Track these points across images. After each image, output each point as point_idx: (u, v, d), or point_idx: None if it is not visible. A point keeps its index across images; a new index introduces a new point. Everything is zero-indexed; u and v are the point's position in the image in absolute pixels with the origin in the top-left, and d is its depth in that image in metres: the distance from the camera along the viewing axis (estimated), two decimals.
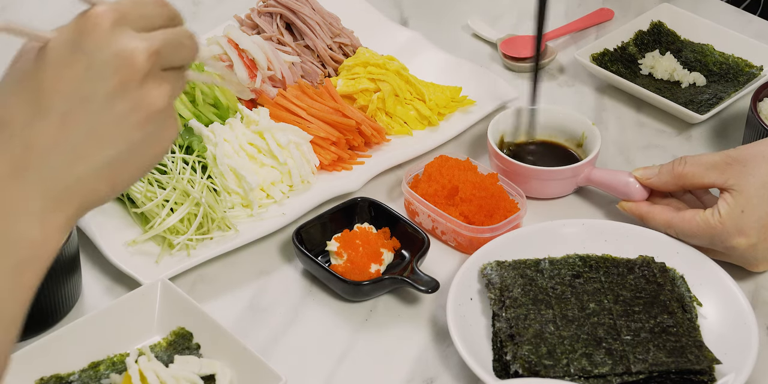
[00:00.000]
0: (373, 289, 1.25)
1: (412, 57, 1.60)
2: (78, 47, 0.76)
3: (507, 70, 1.66)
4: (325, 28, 1.60)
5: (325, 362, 1.20)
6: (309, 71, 1.56)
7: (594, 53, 1.60)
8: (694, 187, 1.30)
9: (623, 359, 1.13)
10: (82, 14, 0.78)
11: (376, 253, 1.28)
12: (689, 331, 1.17)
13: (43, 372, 1.13)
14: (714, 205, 1.24)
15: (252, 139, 1.38)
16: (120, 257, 1.27)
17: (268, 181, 1.36)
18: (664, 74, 1.59)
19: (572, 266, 1.25)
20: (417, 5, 1.80)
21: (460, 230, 1.31)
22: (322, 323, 1.25)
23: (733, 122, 1.55)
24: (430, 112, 1.49)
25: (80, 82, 0.76)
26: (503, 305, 1.21)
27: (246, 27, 1.65)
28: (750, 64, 1.60)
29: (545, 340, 1.15)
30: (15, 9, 1.79)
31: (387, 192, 1.43)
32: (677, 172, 1.28)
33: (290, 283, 1.30)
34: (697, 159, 1.28)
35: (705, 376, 1.14)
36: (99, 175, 0.78)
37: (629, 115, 1.57)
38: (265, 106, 1.45)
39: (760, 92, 1.42)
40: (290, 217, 1.35)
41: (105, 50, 0.76)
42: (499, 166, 1.40)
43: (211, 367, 1.13)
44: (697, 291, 1.24)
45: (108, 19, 0.76)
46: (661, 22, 1.67)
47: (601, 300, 1.21)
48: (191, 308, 1.18)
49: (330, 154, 1.41)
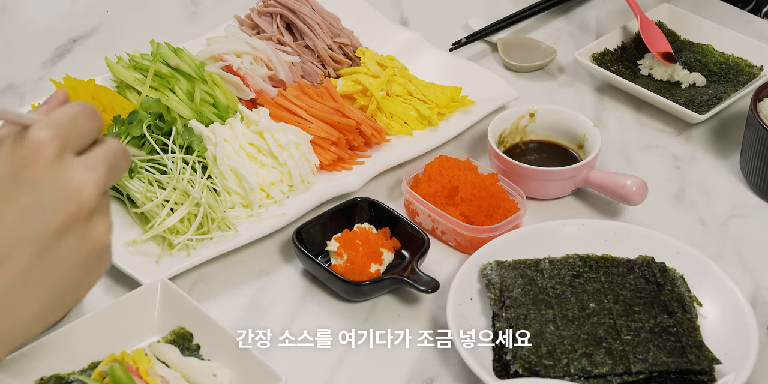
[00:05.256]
0: (373, 289, 1.25)
1: (412, 57, 1.60)
2: (19, 181, 0.69)
3: (507, 70, 1.66)
4: (325, 28, 1.60)
5: (325, 362, 1.20)
6: (309, 71, 1.56)
7: (594, 53, 1.60)
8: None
9: (623, 359, 1.13)
10: (18, 141, 0.70)
11: (376, 253, 1.28)
12: (689, 331, 1.17)
13: (43, 372, 1.13)
14: None
15: (252, 139, 1.38)
16: (120, 257, 1.27)
17: (268, 181, 1.36)
18: (663, 74, 1.59)
19: (572, 266, 1.25)
20: (417, 5, 1.81)
21: (460, 230, 1.31)
22: (322, 323, 1.25)
23: (733, 122, 1.55)
24: (430, 112, 1.49)
25: (22, 220, 0.69)
26: (503, 305, 1.21)
27: (246, 27, 1.65)
28: (750, 64, 1.60)
29: (545, 340, 1.15)
30: (15, 9, 1.79)
31: (387, 192, 1.43)
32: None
33: (290, 283, 1.30)
34: None
35: (705, 376, 1.14)
36: (35, 317, 0.72)
37: (629, 115, 1.57)
38: (265, 106, 1.45)
39: (760, 92, 1.42)
40: (290, 217, 1.35)
41: (51, 185, 0.69)
42: (499, 166, 1.40)
43: (211, 367, 1.14)
44: (697, 291, 1.24)
45: (51, 149, 0.69)
46: (661, 22, 1.67)
47: (601, 300, 1.21)
48: (191, 308, 1.18)
49: (330, 154, 1.41)
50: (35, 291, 0.71)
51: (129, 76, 1.47)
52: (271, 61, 1.51)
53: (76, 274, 0.72)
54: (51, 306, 0.72)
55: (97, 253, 0.73)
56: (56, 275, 0.71)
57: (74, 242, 0.71)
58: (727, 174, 1.47)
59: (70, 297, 0.74)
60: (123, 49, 1.53)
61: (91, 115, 0.73)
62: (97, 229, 0.72)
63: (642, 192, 1.35)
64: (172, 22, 1.77)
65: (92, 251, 0.72)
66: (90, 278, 0.74)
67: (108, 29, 1.76)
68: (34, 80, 1.63)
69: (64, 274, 0.72)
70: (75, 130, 0.71)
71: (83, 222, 0.71)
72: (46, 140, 0.69)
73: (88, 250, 0.72)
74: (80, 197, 0.70)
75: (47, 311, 0.72)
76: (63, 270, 0.71)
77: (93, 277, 0.74)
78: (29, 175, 0.69)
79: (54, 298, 0.72)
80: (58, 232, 0.70)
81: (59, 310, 0.74)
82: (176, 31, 1.71)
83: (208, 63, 1.50)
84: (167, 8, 1.81)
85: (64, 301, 0.73)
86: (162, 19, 1.78)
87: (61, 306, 0.73)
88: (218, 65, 1.49)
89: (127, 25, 1.76)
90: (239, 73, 1.48)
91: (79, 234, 0.71)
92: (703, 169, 1.48)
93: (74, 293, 0.74)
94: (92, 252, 0.72)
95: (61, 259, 0.71)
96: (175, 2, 1.82)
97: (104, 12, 1.79)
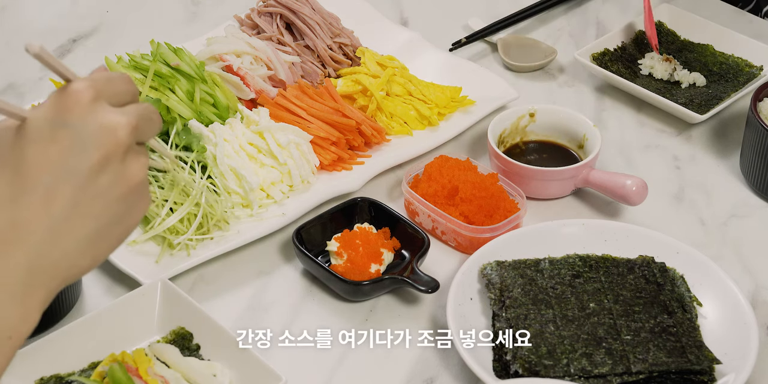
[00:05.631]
0: (373, 289, 1.25)
1: (412, 57, 1.60)
2: (61, 123, 0.76)
3: (507, 70, 1.66)
4: (325, 28, 1.60)
5: (325, 362, 1.20)
6: (309, 71, 1.56)
7: (594, 53, 1.60)
8: None
9: (623, 359, 1.13)
10: (60, 91, 0.78)
11: (376, 253, 1.28)
12: (689, 331, 1.17)
13: (43, 372, 1.13)
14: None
15: (252, 139, 1.38)
16: (120, 257, 1.27)
17: (268, 181, 1.36)
18: (664, 74, 1.59)
19: (572, 266, 1.25)
20: (417, 5, 1.81)
21: (460, 230, 1.31)
22: (322, 323, 1.25)
23: (733, 122, 1.55)
24: (430, 112, 1.49)
25: (65, 157, 0.76)
26: (503, 305, 1.21)
27: (246, 27, 1.65)
28: (750, 64, 1.60)
29: (545, 340, 1.15)
30: (15, 9, 1.79)
31: (387, 192, 1.43)
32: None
33: (290, 283, 1.30)
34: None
35: (705, 376, 1.14)
36: (82, 249, 0.78)
37: (629, 115, 1.57)
38: (265, 106, 1.45)
39: (760, 92, 1.42)
40: (290, 217, 1.34)
41: (89, 124, 0.77)
42: (499, 166, 1.40)
43: (211, 367, 1.14)
44: (697, 291, 1.24)
45: (88, 95, 0.77)
46: (661, 22, 1.67)
47: (601, 300, 1.21)
48: (191, 308, 1.18)
49: (330, 154, 1.41)
50: (81, 223, 0.77)
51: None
52: (271, 61, 1.51)
53: (118, 207, 0.79)
54: (96, 240, 0.78)
55: (136, 188, 0.79)
56: (99, 208, 0.78)
57: (113, 177, 0.78)
58: (727, 174, 1.47)
59: (114, 231, 0.80)
60: (123, 49, 1.53)
61: (127, 81, 0.81)
62: (134, 166, 0.79)
63: (642, 192, 1.35)
64: (172, 22, 1.77)
65: (131, 186, 0.79)
66: (132, 214, 0.80)
67: (108, 29, 1.76)
68: (34, 80, 1.63)
69: (107, 207, 0.78)
70: (110, 86, 0.79)
71: (120, 159, 0.78)
72: (83, 89, 0.77)
73: (127, 185, 0.79)
74: (116, 135, 0.77)
75: (93, 244, 0.78)
76: (105, 203, 0.78)
77: (135, 214, 0.81)
78: (70, 118, 0.77)
79: (99, 231, 0.78)
80: (98, 167, 0.77)
81: (105, 246, 0.79)
82: (176, 31, 1.71)
83: (208, 63, 1.50)
84: (167, 8, 1.81)
85: (108, 236, 0.79)
86: (162, 19, 1.78)
87: (107, 241, 0.79)
88: (218, 65, 1.49)
89: (127, 25, 1.76)
90: (239, 73, 1.48)
91: (117, 170, 0.78)
92: (703, 169, 1.48)
93: (118, 228, 0.80)
94: (131, 187, 0.79)
95: (103, 193, 0.78)
96: (175, 2, 1.82)
97: (104, 12, 1.79)
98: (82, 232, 0.77)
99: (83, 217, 0.77)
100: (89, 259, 0.79)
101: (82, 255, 0.78)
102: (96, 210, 0.77)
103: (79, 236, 0.77)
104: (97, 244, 0.79)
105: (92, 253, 0.79)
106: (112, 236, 0.80)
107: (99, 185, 0.77)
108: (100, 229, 0.78)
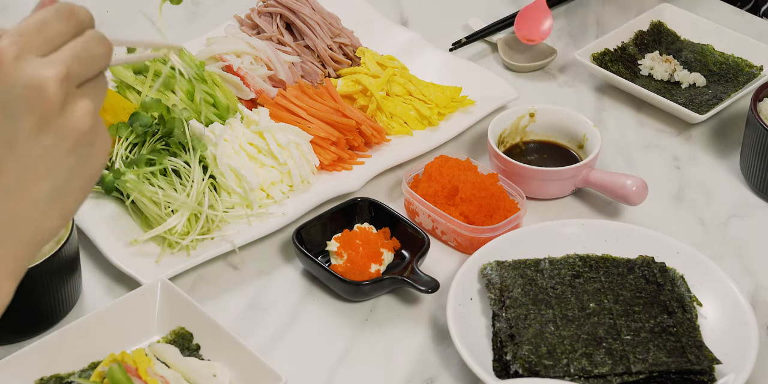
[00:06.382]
0: (373, 289, 1.25)
1: (412, 57, 1.60)
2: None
3: (507, 70, 1.66)
4: (325, 28, 1.60)
5: (325, 362, 1.20)
6: (309, 71, 1.56)
7: (594, 53, 1.60)
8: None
9: (623, 359, 1.13)
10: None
11: (376, 253, 1.28)
12: (689, 331, 1.17)
13: (43, 372, 1.13)
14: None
15: (252, 139, 1.38)
16: (120, 257, 1.27)
17: (268, 181, 1.36)
18: (664, 74, 1.59)
19: (572, 266, 1.25)
20: (417, 5, 1.81)
21: (460, 230, 1.31)
22: (322, 323, 1.25)
23: (733, 122, 1.55)
24: (430, 112, 1.49)
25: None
26: (503, 305, 1.21)
27: (246, 27, 1.65)
28: (750, 64, 1.60)
29: (545, 340, 1.15)
30: (15, 9, 1.79)
31: (387, 192, 1.43)
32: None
33: (290, 283, 1.30)
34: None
35: (705, 376, 1.14)
36: (44, 210, 0.75)
37: (629, 115, 1.57)
38: (265, 106, 1.45)
39: (760, 92, 1.42)
40: (290, 217, 1.34)
41: (14, 87, 0.72)
42: (499, 166, 1.40)
43: (211, 367, 1.14)
44: (697, 291, 1.24)
45: (9, 54, 0.72)
46: (661, 22, 1.67)
47: (601, 300, 1.21)
48: (191, 308, 1.18)
49: (330, 154, 1.41)
50: (34, 186, 0.74)
51: (129, 76, 1.47)
52: (271, 61, 1.51)
53: (69, 161, 0.75)
54: (57, 197, 0.75)
55: (84, 137, 0.75)
56: (48, 167, 0.74)
57: (55, 134, 0.73)
58: (727, 174, 1.47)
59: (74, 185, 0.76)
60: (123, 49, 1.53)
61: (65, 17, 0.75)
62: (75, 115, 0.74)
63: (642, 192, 1.35)
64: (172, 22, 1.77)
65: (77, 138, 0.74)
66: (89, 162, 0.76)
67: (108, 29, 1.75)
68: None
69: (56, 164, 0.74)
70: (41, 34, 0.74)
71: (57, 114, 0.73)
72: (4, 47, 0.72)
73: (73, 138, 0.74)
74: (44, 93, 0.72)
75: (56, 202, 0.75)
76: (53, 161, 0.74)
77: (92, 161, 0.77)
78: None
79: (57, 189, 0.75)
80: (35, 131, 0.73)
81: (70, 200, 0.77)
82: (176, 31, 1.71)
83: (208, 63, 1.50)
84: (167, 8, 1.81)
85: (70, 190, 0.76)
86: (162, 19, 1.78)
87: (70, 195, 0.76)
88: (218, 65, 1.49)
89: (127, 25, 1.76)
90: (239, 73, 1.48)
91: (57, 126, 0.73)
92: (703, 169, 1.48)
93: (77, 181, 0.76)
94: (77, 138, 0.74)
95: (48, 153, 0.74)
96: None
97: (104, 12, 1.79)
98: (39, 194, 0.74)
99: (33, 180, 0.74)
100: (57, 218, 0.76)
101: (46, 215, 0.75)
102: (45, 170, 0.74)
103: (36, 199, 0.74)
104: (60, 201, 0.76)
105: (58, 211, 0.76)
106: (75, 189, 0.76)
107: (41, 146, 0.73)
108: (58, 187, 0.75)
